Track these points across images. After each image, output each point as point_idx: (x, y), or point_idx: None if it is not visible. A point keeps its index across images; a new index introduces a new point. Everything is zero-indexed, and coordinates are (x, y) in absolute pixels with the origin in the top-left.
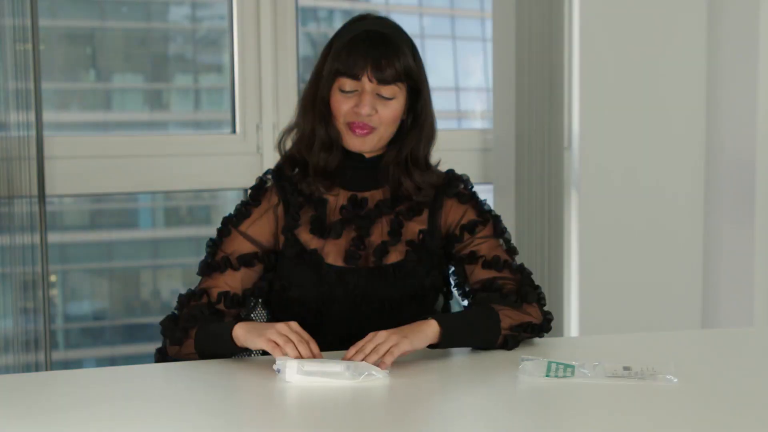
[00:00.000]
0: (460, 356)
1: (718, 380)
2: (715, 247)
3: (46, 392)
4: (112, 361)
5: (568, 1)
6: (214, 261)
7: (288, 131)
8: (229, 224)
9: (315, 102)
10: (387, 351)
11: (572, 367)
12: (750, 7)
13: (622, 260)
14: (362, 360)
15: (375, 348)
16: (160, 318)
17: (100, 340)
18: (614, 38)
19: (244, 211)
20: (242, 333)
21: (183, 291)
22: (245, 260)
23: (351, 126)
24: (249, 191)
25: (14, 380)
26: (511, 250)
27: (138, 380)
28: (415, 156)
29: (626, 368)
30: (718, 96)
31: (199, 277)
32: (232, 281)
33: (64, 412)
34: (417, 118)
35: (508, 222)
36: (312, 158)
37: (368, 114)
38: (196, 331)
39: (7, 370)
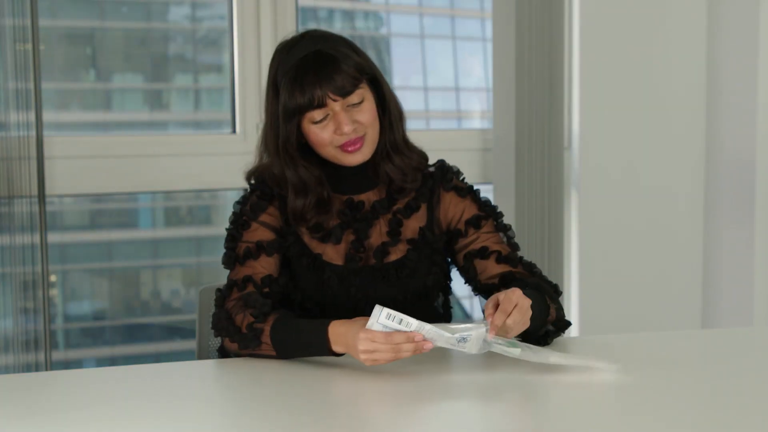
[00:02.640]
0: (460, 354)
1: (717, 380)
2: (715, 247)
3: (46, 392)
4: (112, 361)
5: (568, 1)
6: (245, 249)
7: (255, 170)
8: (245, 217)
9: (278, 146)
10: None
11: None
12: (750, 7)
13: (622, 260)
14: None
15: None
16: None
17: (100, 340)
18: (614, 38)
19: (260, 204)
20: (340, 347)
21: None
22: (275, 246)
23: (343, 148)
24: (252, 187)
25: (14, 380)
26: (514, 246)
27: (138, 380)
28: (393, 141)
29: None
30: (718, 96)
31: (227, 271)
32: (268, 266)
33: (64, 412)
34: (383, 104)
35: (509, 222)
36: (289, 203)
37: (352, 129)
38: (272, 331)
39: (7, 370)
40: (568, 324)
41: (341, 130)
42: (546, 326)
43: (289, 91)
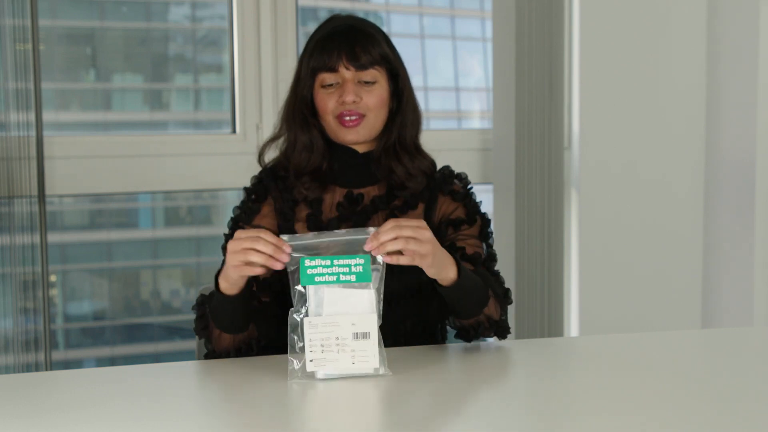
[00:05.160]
0: (458, 351)
1: (718, 380)
2: (715, 247)
3: (46, 392)
4: (112, 361)
5: (568, 1)
6: None
7: (270, 142)
8: (240, 222)
9: (295, 107)
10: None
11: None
12: (750, 7)
13: (622, 260)
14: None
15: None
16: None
17: (100, 340)
18: (614, 38)
19: (253, 207)
20: (222, 280)
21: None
22: None
23: (341, 119)
24: (248, 190)
25: (14, 380)
26: (491, 257)
27: (138, 380)
28: (403, 141)
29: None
30: (718, 96)
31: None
32: None
33: (64, 412)
34: (400, 102)
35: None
36: (293, 160)
37: (353, 101)
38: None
39: (7, 370)
40: (506, 328)
41: (343, 98)
42: (479, 315)
43: (310, 53)
